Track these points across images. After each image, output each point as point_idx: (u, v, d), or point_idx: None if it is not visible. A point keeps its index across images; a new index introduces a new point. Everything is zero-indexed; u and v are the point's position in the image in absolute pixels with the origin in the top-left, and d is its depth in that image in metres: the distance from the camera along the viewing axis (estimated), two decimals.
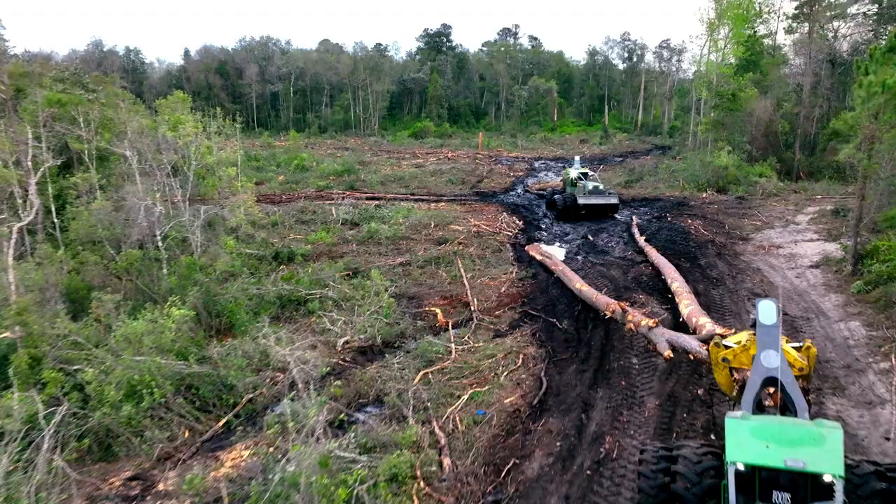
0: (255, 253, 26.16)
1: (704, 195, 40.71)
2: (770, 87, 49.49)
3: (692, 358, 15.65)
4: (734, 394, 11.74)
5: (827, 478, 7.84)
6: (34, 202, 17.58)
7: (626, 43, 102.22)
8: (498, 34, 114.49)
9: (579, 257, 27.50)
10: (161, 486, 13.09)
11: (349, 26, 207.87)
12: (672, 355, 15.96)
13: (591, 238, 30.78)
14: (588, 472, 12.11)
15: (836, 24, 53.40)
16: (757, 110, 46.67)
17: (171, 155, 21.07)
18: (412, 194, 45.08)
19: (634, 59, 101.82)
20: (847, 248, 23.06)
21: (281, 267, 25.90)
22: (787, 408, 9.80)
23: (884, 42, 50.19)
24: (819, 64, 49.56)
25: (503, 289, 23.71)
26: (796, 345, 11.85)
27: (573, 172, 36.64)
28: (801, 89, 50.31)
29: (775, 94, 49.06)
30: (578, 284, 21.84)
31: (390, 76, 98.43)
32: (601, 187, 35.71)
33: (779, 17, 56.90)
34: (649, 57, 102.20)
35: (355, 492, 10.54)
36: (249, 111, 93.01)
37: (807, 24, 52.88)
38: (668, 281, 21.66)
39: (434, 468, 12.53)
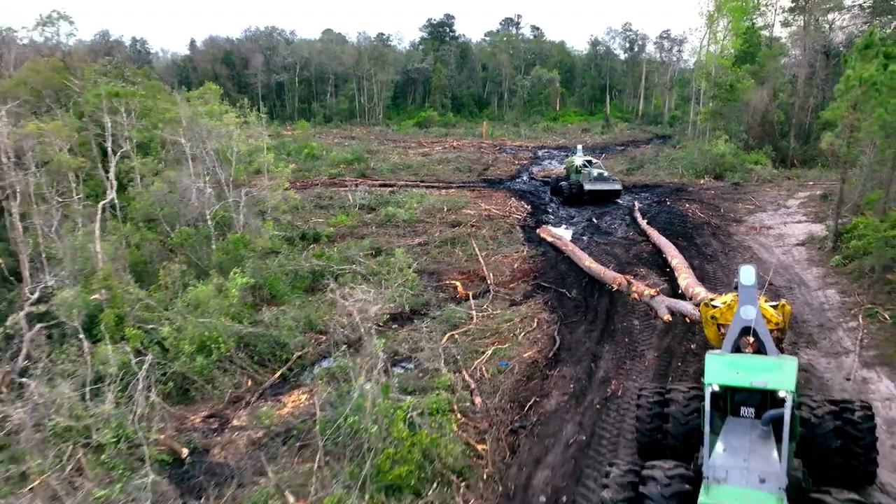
0: (282, 234, 28.52)
1: (702, 181, 43.11)
2: (767, 77, 51.75)
3: (687, 320, 18.26)
4: (721, 346, 14.19)
5: (782, 393, 10.02)
6: (113, 183, 19.93)
7: (628, 33, 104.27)
8: (500, 24, 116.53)
9: (585, 238, 29.92)
10: (235, 422, 15.60)
11: (351, 17, 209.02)
12: (671, 318, 18.57)
13: (595, 221, 33.22)
14: (597, 406, 14.62)
15: (831, 16, 55.59)
16: (754, 100, 48.99)
17: (216, 142, 23.37)
18: (422, 181, 47.36)
19: (636, 50, 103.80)
20: (830, 227, 25.52)
21: (311, 246, 28.28)
22: (761, 353, 12.17)
23: (878, 34, 52.45)
24: (814, 55, 51.79)
25: (516, 265, 26.18)
26: (774, 304, 14.33)
27: (578, 160, 38.96)
28: (796, 80, 52.59)
29: (772, 84, 51.33)
30: (587, 262, 24.30)
31: (394, 66, 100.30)
32: (605, 174, 38.10)
33: (775, 10, 59.04)
34: (650, 47, 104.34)
35: (408, 416, 12.97)
36: (255, 101, 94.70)
37: (803, 17, 55.02)
38: (668, 258, 24.13)
39: (468, 404, 15.05)
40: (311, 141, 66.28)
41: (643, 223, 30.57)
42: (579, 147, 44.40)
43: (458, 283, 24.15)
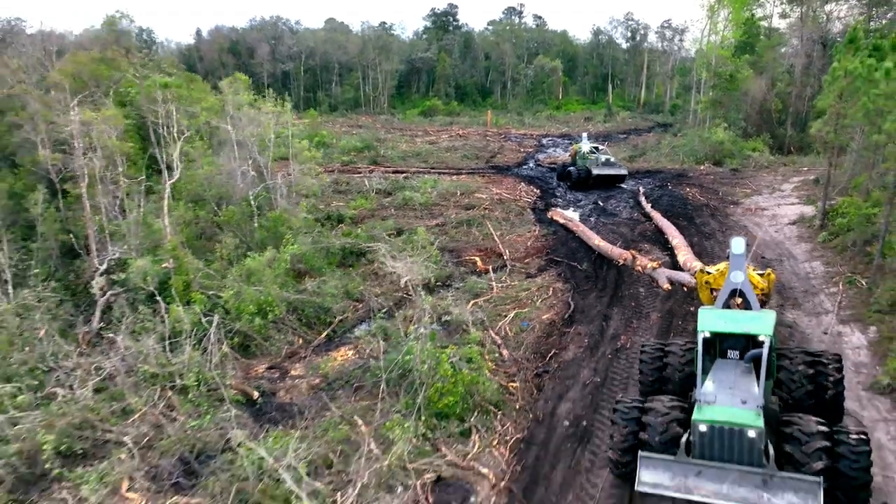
0: (311, 216, 30.87)
1: (702, 167, 45.48)
2: (765, 67, 53.99)
3: (685, 288, 20.78)
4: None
5: (761, 337, 12.16)
6: (178, 164, 22.25)
7: (630, 23, 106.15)
8: (503, 13, 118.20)
9: (592, 219, 32.33)
10: (293, 373, 18.07)
11: (354, 5, 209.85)
12: (670, 287, 21.11)
13: (601, 203, 35.63)
14: (609, 356, 17.11)
15: (828, 7, 57.72)
16: (752, 90, 51.27)
17: (256, 129, 25.65)
18: (432, 168, 49.60)
19: (637, 39, 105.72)
20: (819, 207, 27.94)
21: (339, 225, 30.64)
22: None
23: (873, 25, 54.58)
24: (811, 45, 53.99)
25: (529, 243, 28.60)
26: (761, 272, 16.75)
27: (585, 147, 41.22)
28: (793, 70, 54.83)
29: (770, 74, 53.58)
30: (596, 241, 26.74)
31: (398, 56, 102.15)
32: (612, 160, 40.46)
33: (773, 1, 61.13)
34: (652, 37, 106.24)
35: (450, 359, 15.40)
36: (261, 90, 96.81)
37: (800, 8, 57.13)
38: (669, 238, 26.59)
39: (497, 356, 17.52)
40: (321, 129, 68.41)
41: (647, 206, 32.94)
42: (584, 134, 46.68)
43: (477, 259, 26.57)
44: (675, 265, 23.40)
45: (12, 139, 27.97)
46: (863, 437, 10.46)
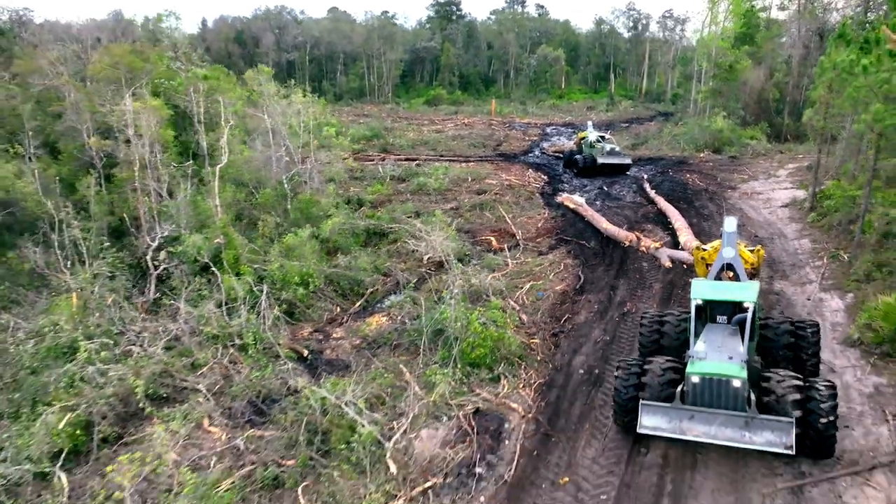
0: (335, 199, 33.15)
1: (702, 155, 47.72)
2: (764, 58, 56.08)
3: (684, 266, 23.11)
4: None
5: (746, 304, 14.18)
6: (225, 149, 24.49)
7: (632, 12, 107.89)
8: (506, 2, 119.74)
9: (598, 203, 34.62)
10: (335, 335, 20.44)
11: None
12: (671, 265, 23.41)
13: (605, 189, 37.91)
14: (616, 319, 19.49)
15: None
16: (751, 79, 53.40)
17: (288, 118, 27.88)
18: (441, 156, 51.77)
19: (639, 29, 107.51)
20: (809, 191, 30.25)
21: (360, 209, 32.91)
22: None
23: (872, 17, 56.54)
24: (809, 36, 56.06)
25: (539, 224, 30.91)
26: (752, 248, 19.03)
27: (592, 136, 43.29)
28: (791, 60, 56.93)
29: (768, 64, 55.68)
30: (604, 224, 29.02)
31: (402, 45, 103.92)
32: (617, 149, 42.59)
33: None
34: (653, 26, 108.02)
35: (479, 320, 17.74)
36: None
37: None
38: (672, 220, 28.87)
39: (517, 319, 19.88)
40: (330, 118, 70.41)
41: (651, 192, 35.17)
42: (590, 123, 48.81)
43: (492, 239, 28.89)
44: (676, 245, 25.74)
45: (55, 127, 30.26)
46: (831, 389, 12.34)
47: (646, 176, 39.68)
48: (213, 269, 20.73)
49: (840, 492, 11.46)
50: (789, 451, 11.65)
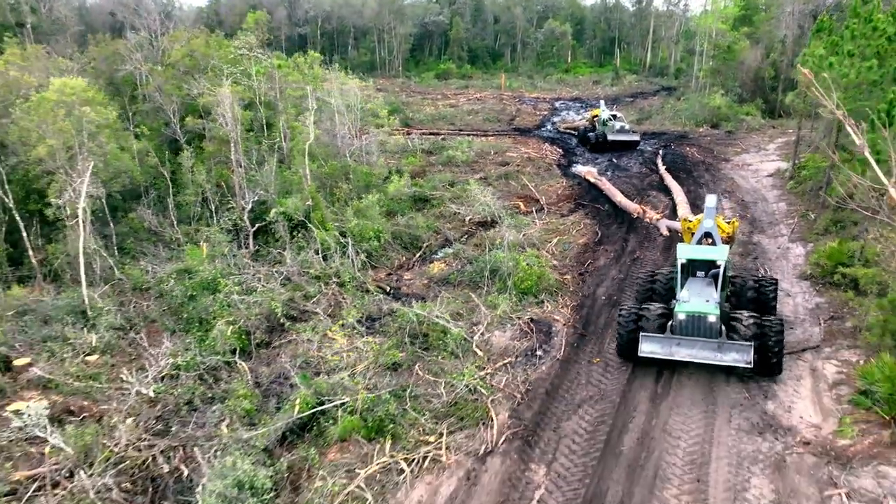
0: (383, 171, 38.89)
1: (701, 130, 53.38)
2: (761, 38, 61.31)
3: (679, 233, 28.99)
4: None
5: (719, 262, 19.70)
6: (311, 130, 30.15)
7: None
8: None
9: (608, 173, 40.44)
10: (405, 277, 26.43)
11: None
12: (668, 233, 29.26)
13: (615, 161, 43.67)
14: (628, 263, 25.52)
15: None
16: (748, 59, 58.74)
17: (346, 98, 33.51)
18: (461, 130, 57.28)
19: (643, 3, 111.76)
20: (791, 163, 36.12)
21: (403, 178, 38.63)
22: None
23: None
24: (803, 17, 61.22)
25: (559, 191, 36.78)
26: (728, 220, 24.80)
27: (605, 114, 48.61)
28: (786, 39, 62.14)
29: (765, 44, 60.94)
30: (619, 197, 34.71)
31: (412, 19, 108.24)
32: (627, 126, 48.00)
33: None
34: (658, 0, 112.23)
35: (525, 261, 23.70)
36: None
37: None
38: (675, 195, 34.55)
39: (550, 263, 25.89)
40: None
41: (662, 168, 40.55)
42: (602, 102, 54.21)
43: (520, 203, 34.76)
44: (674, 216, 31.61)
45: (140, 107, 35.84)
46: (780, 325, 17.15)
47: (661, 152, 44.70)
48: (309, 224, 26.60)
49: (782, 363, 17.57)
50: (749, 366, 16.06)
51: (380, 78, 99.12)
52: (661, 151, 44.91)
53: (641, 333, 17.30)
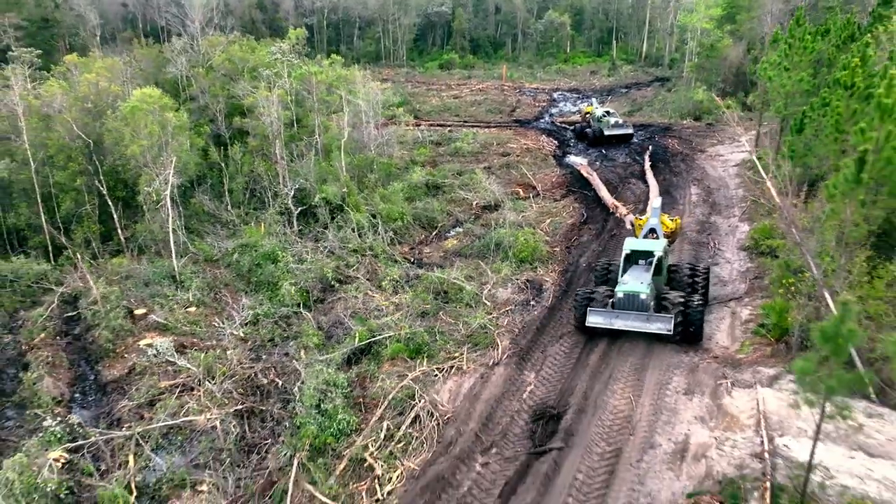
0: (401, 162, 45.41)
1: (685, 122, 59.73)
2: (743, 35, 67.47)
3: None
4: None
5: (656, 253, 25.98)
6: (344, 128, 36.60)
7: None
8: None
9: (597, 164, 46.96)
10: (425, 251, 33.09)
11: None
12: (631, 227, 35.76)
13: (604, 152, 50.18)
14: (606, 238, 32.21)
15: None
16: (731, 56, 64.97)
17: (369, 97, 40.00)
18: (465, 122, 63.56)
19: None
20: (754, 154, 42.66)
21: (416, 167, 45.20)
22: None
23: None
24: (781, 16, 67.34)
25: (553, 179, 43.34)
26: (672, 218, 31.32)
27: (598, 111, 54.66)
28: (766, 37, 68.32)
29: (746, 41, 67.11)
30: (602, 192, 41.10)
31: (416, 10, 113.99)
32: (621, 121, 54.05)
33: None
34: None
35: (523, 237, 30.32)
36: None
37: None
38: (651, 193, 40.89)
39: (543, 238, 32.53)
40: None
41: (647, 164, 46.52)
42: (593, 99, 60.48)
43: (519, 190, 41.33)
44: (643, 212, 38.21)
45: (187, 108, 42.19)
46: (701, 305, 22.99)
47: (650, 149, 50.57)
48: (345, 207, 33.23)
49: (711, 310, 24.25)
50: (670, 333, 20.70)
51: (385, 68, 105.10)
52: (650, 148, 50.76)
53: (589, 308, 22.07)
